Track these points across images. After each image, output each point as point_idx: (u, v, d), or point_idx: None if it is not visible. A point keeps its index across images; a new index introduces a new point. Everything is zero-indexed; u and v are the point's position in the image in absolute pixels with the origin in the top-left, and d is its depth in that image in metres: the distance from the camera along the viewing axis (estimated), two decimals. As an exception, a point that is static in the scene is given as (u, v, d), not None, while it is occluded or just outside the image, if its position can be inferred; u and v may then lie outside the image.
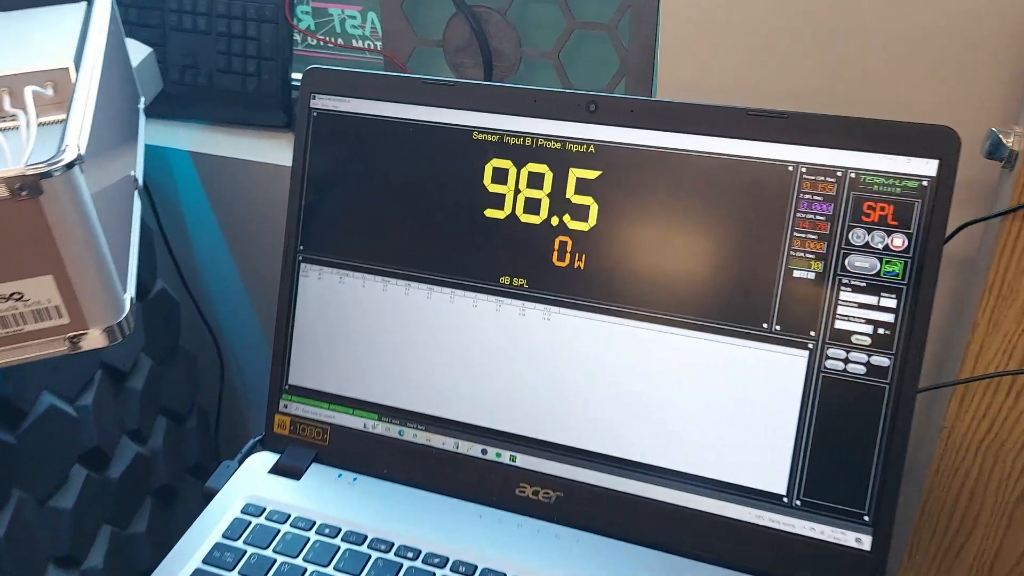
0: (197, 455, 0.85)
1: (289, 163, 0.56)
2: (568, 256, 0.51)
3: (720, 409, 0.49)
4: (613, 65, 0.75)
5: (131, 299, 0.49)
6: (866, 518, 0.47)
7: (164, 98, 0.82)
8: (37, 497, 0.59)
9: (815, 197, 0.47)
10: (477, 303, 0.53)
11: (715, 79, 0.63)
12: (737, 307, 0.48)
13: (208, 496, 0.54)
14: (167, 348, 0.79)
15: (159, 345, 0.77)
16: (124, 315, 0.48)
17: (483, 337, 0.53)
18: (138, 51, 0.79)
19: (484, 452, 0.53)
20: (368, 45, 0.84)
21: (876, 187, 0.46)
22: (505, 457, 0.53)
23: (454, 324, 0.53)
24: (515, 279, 0.52)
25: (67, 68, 0.55)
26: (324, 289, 0.56)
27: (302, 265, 0.56)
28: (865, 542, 0.47)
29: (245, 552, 0.50)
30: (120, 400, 0.70)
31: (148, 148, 0.78)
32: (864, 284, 0.47)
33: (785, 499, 0.48)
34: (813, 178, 0.47)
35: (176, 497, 0.80)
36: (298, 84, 0.56)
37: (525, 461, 0.53)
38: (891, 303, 0.46)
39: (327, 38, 0.86)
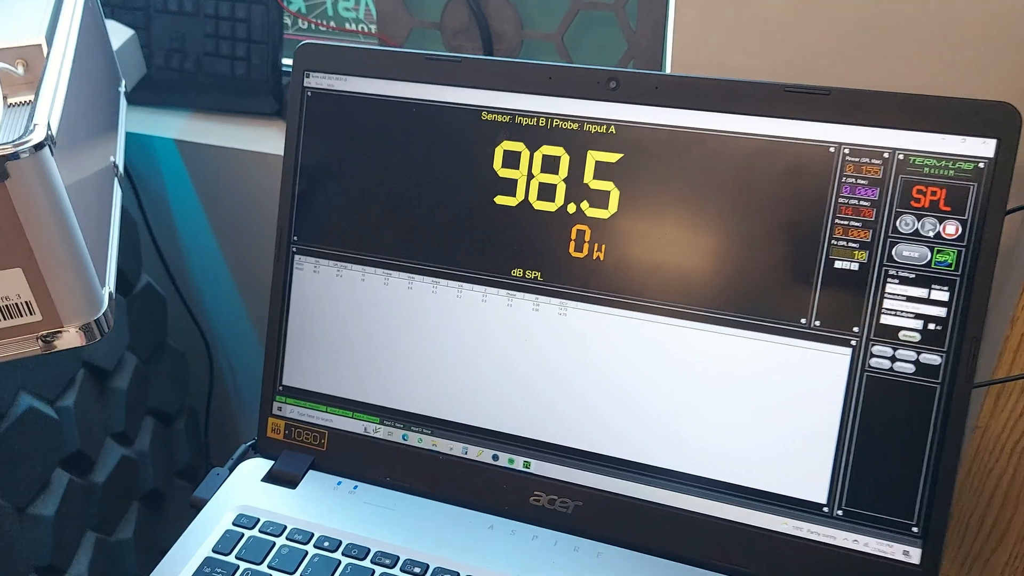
0: (186, 457, 0.83)
1: (280, 152, 0.54)
2: (586, 246, 0.49)
3: (754, 411, 0.47)
4: (620, 48, 0.73)
5: (110, 294, 0.47)
6: (915, 529, 0.45)
7: (148, 83, 0.80)
8: (16, 504, 0.57)
9: (859, 181, 0.45)
10: (487, 297, 0.51)
11: (734, 62, 0.60)
12: (773, 301, 0.46)
13: (196, 506, 0.52)
14: (153, 346, 0.77)
15: (145, 342, 0.75)
16: (102, 311, 0.45)
17: (493, 334, 0.51)
18: (120, 33, 0.76)
19: (495, 458, 0.51)
20: (362, 28, 0.83)
21: (927, 169, 0.44)
22: (518, 463, 0.51)
23: (462, 320, 0.51)
24: (528, 271, 0.50)
25: (39, 45, 0.51)
26: (320, 283, 0.54)
27: (296, 257, 0.54)
28: (914, 555, 0.45)
29: (237, 568, 0.48)
30: (104, 401, 0.69)
31: (131, 137, 0.78)
32: (913, 275, 0.44)
33: (825, 508, 0.46)
34: (857, 160, 0.44)
35: (164, 502, 0.79)
36: (289, 69, 0.52)
37: (540, 467, 0.50)
38: (943, 296, 0.44)
39: (319, 20, 0.84)
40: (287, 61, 0.80)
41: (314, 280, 0.54)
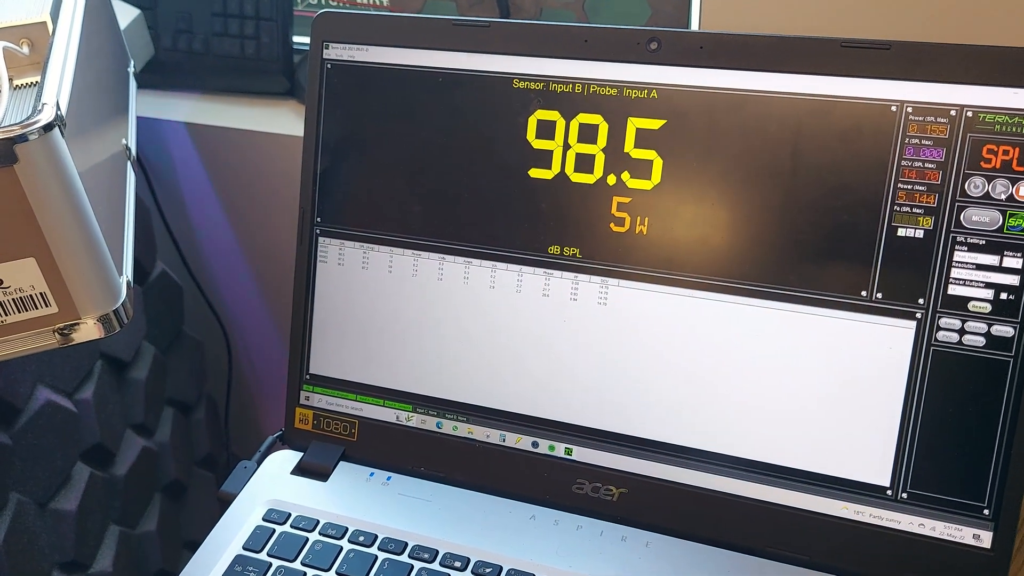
0: (207, 447, 0.83)
1: (294, 132, 0.52)
2: (628, 220, 0.47)
3: (812, 391, 0.45)
4: (644, 14, 0.71)
5: (128, 283, 0.46)
6: (986, 511, 0.43)
7: (156, 66, 0.79)
8: (37, 500, 0.57)
9: (924, 141, 0.42)
10: (522, 277, 0.49)
11: (772, 22, 0.58)
12: (831, 273, 0.44)
13: (224, 501, 0.51)
14: (171, 335, 0.77)
15: (162, 332, 0.75)
16: (120, 302, 0.44)
17: (530, 315, 0.49)
18: (126, 13, 0.75)
19: (535, 445, 0.50)
20: (374, 1, 0.81)
21: (998, 127, 0.41)
22: (559, 450, 0.49)
23: (496, 301, 0.49)
24: (566, 248, 0.48)
25: (44, 23, 0.50)
26: (346, 266, 0.52)
27: (320, 240, 0.53)
28: (985, 539, 0.43)
29: (270, 565, 0.46)
30: (123, 392, 0.68)
31: (140, 121, 0.77)
32: (983, 242, 0.42)
33: (889, 492, 0.44)
34: (921, 119, 0.42)
35: (186, 492, 0.79)
36: (300, 47, 0.50)
37: (582, 454, 0.49)
38: (1016, 263, 0.42)
39: None
40: (298, 39, 0.79)
41: (339, 263, 0.52)
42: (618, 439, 0.48)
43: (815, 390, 0.45)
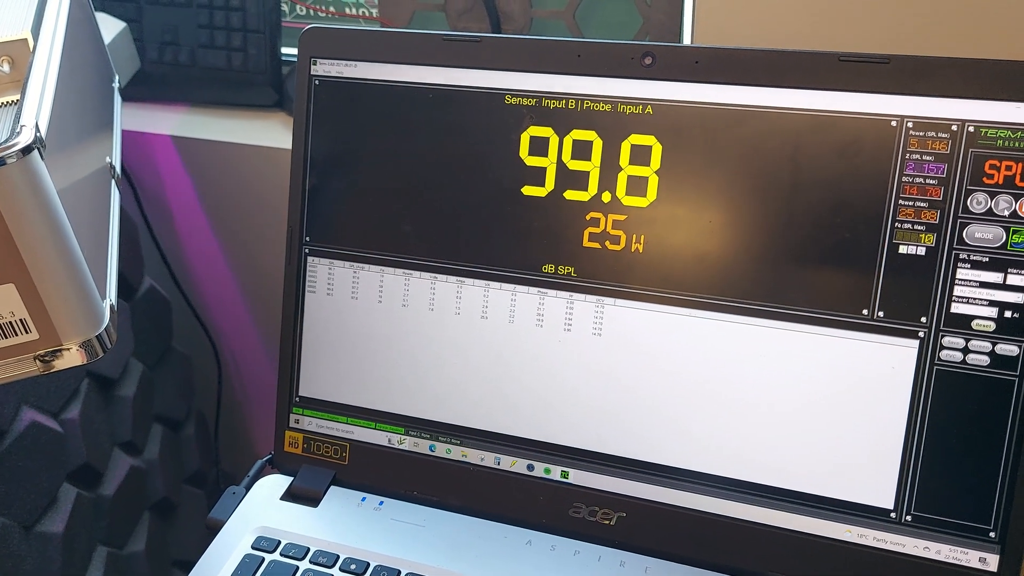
0: (197, 464, 0.82)
1: (282, 145, 0.51)
2: (623, 238, 0.46)
3: (813, 412, 0.44)
4: (635, 24, 0.70)
5: (111, 306, 0.44)
6: (992, 534, 0.42)
7: (142, 78, 0.79)
8: (22, 523, 0.56)
9: (925, 157, 0.42)
10: (516, 296, 0.48)
11: (767, 34, 0.57)
12: (831, 291, 0.43)
13: (213, 529, 0.50)
14: (159, 351, 0.77)
15: (150, 348, 0.75)
16: (104, 326, 0.43)
17: (525, 335, 0.48)
18: (111, 27, 0.75)
19: (531, 468, 0.49)
20: (363, 12, 0.81)
21: (1001, 142, 0.41)
22: (555, 473, 0.48)
23: (490, 322, 0.49)
24: (561, 267, 0.47)
25: (25, 40, 0.48)
26: (336, 286, 0.51)
27: (309, 259, 0.52)
28: (991, 562, 0.42)
29: None
30: (110, 410, 0.68)
31: (126, 134, 0.76)
32: (987, 259, 0.41)
33: (893, 514, 0.44)
34: (922, 134, 0.42)
35: (175, 510, 0.78)
36: (288, 59, 0.50)
37: (579, 477, 0.48)
38: (1020, 280, 0.41)
39: (318, 5, 0.82)
40: (286, 50, 0.78)
41: (329, 283, 0.51)
42: (616, 462, 0.47)
43: (816, 410, 0.44)
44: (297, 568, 0.46)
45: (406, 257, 0.50)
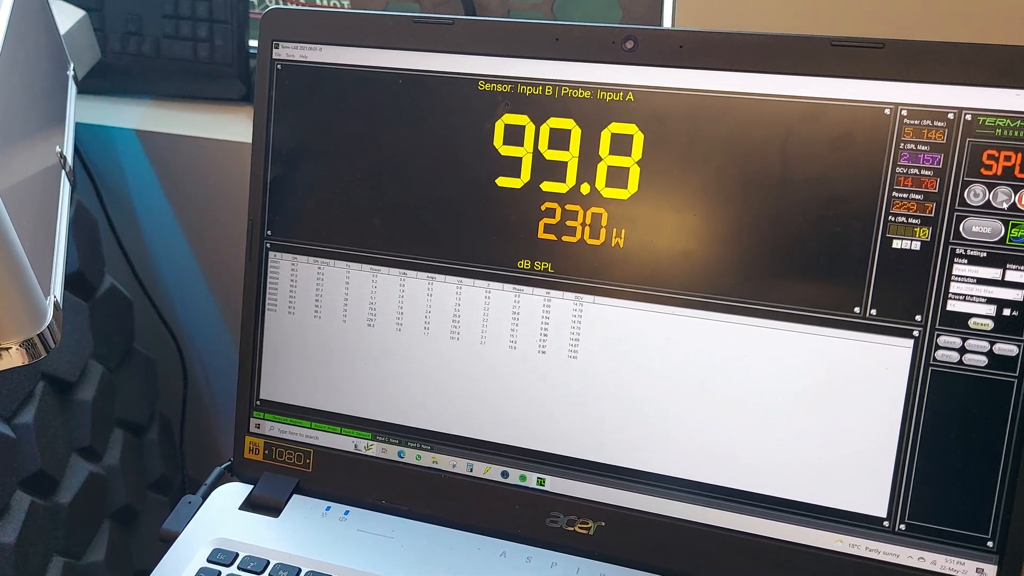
0: (161, 469, 0.81)
1: (250, 140, 0.51)
2: (603, 232, 0.45)
3: (802, 415, 0.43)
4: (614, 15, 0.70)
5: (56, 304, 0.43)
6: (989, 544, 0.42)
7: (104, 70, 0.78)
8: None
9: (920, 147, 0.41)
10: (490, 293, 0.47)
11: (753, 21, 0.57)
12: (821, 288, 0.43)
13: (167, 540, 0.48)
14: (120, 352, 0.75)
15: (111, 349, 0.73)
16: (46, 324, 0.41)
17: (498, 334, 0.47)
18: (69, 15, 0.73)
19: (505, 475, 0.48)
20: (333, 3, 0.81)
21: (999, 131, 0.40)
22: (531, 480, 0.48)
23: (462, 320, 0.48)
24: (537, 263, 0.46)
25: None
26: (299, 282, 0.50)
27: (271, 254, 0.51)
28: (989, 573, 0.42)
29: None
30: (67, 414, 0.66)
31: (88, 128, 0.76)
32: (984, 254, 0.41)
33: (886, 523, 0.43)
34: (917, 123, 0.41)
35: (137, 518, 0.76)
36: (256, 51, 0.48)
37: (556, 484, 0.47)
38: (1020, 277, 0.40)
39: None
40: (254, 42, 0.78)
41: (292, 279, 0.50)
42: (595, 468, 0.47)
43: (806, 414, 0.43)
44: (256, 583, 0.45)
45: (374, 252, 0.49)
